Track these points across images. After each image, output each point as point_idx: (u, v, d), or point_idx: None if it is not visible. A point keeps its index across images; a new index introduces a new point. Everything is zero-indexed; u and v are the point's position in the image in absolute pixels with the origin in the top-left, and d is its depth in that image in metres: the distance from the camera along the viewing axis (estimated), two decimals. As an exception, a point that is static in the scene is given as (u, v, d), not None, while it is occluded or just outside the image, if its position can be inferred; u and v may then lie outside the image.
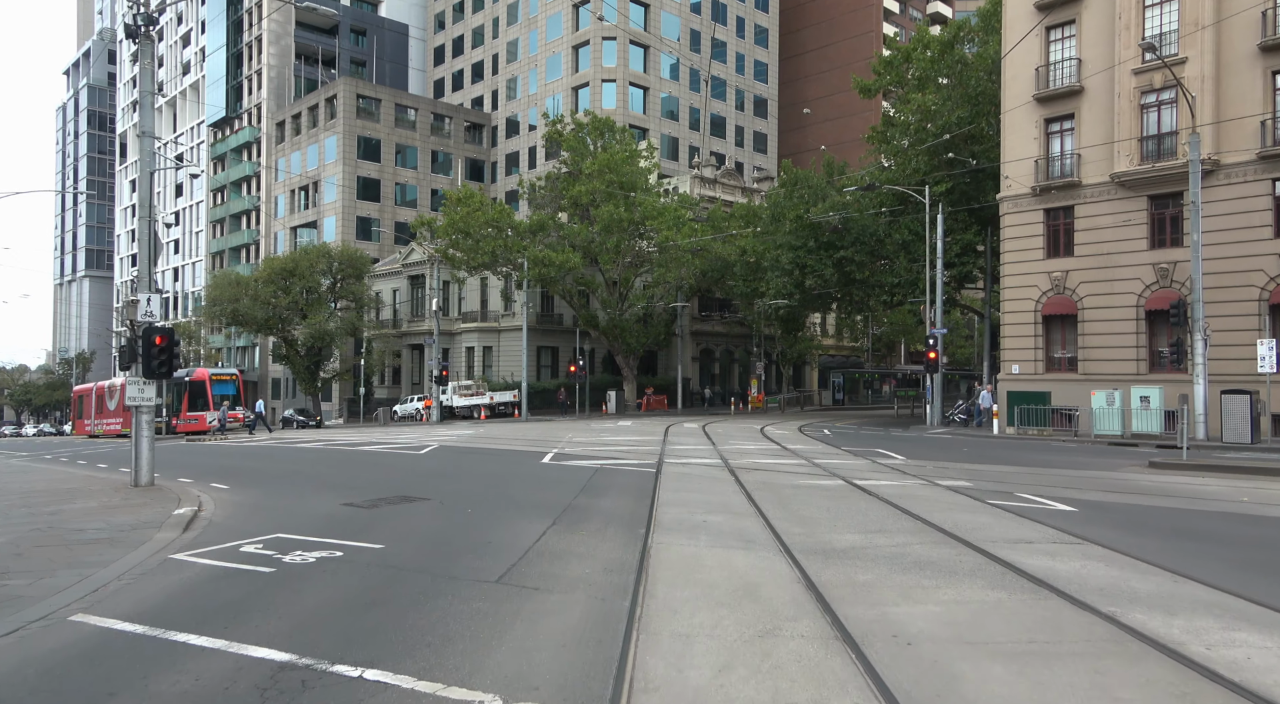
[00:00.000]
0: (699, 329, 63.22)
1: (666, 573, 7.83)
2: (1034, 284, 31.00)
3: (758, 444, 24.76)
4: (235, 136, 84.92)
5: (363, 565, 8.60)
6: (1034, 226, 31.15)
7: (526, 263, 44.51)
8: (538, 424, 40.86)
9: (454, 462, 20.77)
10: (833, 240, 41.04)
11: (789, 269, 41.46)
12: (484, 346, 58.54)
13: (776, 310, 43.11)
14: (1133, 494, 13.49)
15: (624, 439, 27.03)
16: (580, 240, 46.39)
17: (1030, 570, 7.70)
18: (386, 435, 33.99)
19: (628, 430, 32.26)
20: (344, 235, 71.38)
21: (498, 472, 18.07)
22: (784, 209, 42.16)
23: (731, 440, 26.15)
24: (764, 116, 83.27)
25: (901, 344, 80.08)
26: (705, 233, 47.56)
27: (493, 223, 44.62)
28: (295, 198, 78.69)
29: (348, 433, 39.91)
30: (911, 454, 21.17)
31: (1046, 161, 30.86)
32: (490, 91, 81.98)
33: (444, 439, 29.16)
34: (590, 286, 49.97)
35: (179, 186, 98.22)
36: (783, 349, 62.22)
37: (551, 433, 31.58)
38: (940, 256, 35.89)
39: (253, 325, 57.19)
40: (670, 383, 58.09)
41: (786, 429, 32.79)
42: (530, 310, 55.67)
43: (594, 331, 52.36)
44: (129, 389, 16.79)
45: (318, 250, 58.97)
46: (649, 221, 45.34)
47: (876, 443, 25.62)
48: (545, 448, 23.70)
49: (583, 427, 36.09)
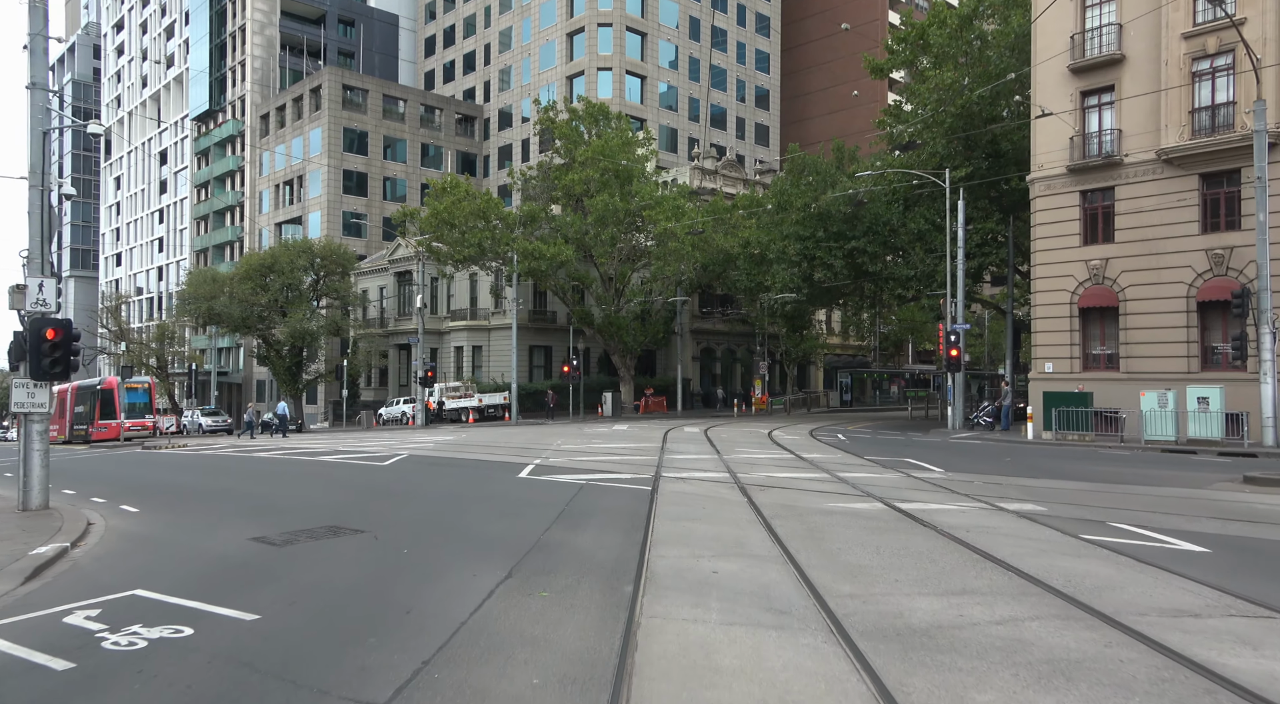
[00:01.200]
0: (699, 327, 60.38)
1: (660, 687, 4.95)
2: (1069, 274, 28.13)
3: (768, 452, 21.92)
4: (219, 130, 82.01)
5: (204, 659, 5.72)
6: (1069, 210, 28.27)
7: (515, 255, 41.63)
8: (527, 428, 38.01)
9: (417, 477, 17.90)
10: (843, 230, 38.20)
11: (796, 261, 38.61)
12: (473, 346, 55.67)
13: (783, 306, 40.19)
14: (1261, 524, 10.61)
15: (617, 446, 24.17)
16: (573, 232, 43.53)
17: (1253, 688, 4.82)
18: (360, 442, 31.13)
19: (622, 436, 29.41)
20: (329, 231, 68.49)
21: (462, 491, 15.19)
22: (791, 197, 39.30)
23: (738, 448, 23.30)
24: (765, 108, 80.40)
25: (909, 343, 77.28)
26: (706, 223, 44.71)
27: (479, 213, 41.74)
28: (280, 193, 75.80)
29: (322, 439, 37.02)
30: (949, 465, 18.30)
31: (1083, 138, 27.99)
32: (483, 82, 79.15)
33: (418, 447, 26.28)
34: (584, 282, 47.12)
35: (163, 183, 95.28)
36: (787, 348, 59.40)
37: (539, 438, 28.72)
38: (961, 246, 33.06)
39: (230, 324, 54.31)
40: (670, 383, 55.26)
41: (796, 434, 29.96)
42: (521, 307, 52.83)
43: (589, 330, 49.51)
44: (15, 393, 13.90)
45: (298, 245, 56.08)
46: (646, 212, 42.48)
47: (901, 450, 22.75)
48: (527, 458, 20.84)
49: (574, 431, 33.23)
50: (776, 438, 27.33)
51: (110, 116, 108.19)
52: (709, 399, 60.58)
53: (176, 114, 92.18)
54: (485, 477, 17.04)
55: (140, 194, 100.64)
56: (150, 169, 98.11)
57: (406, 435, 35.33)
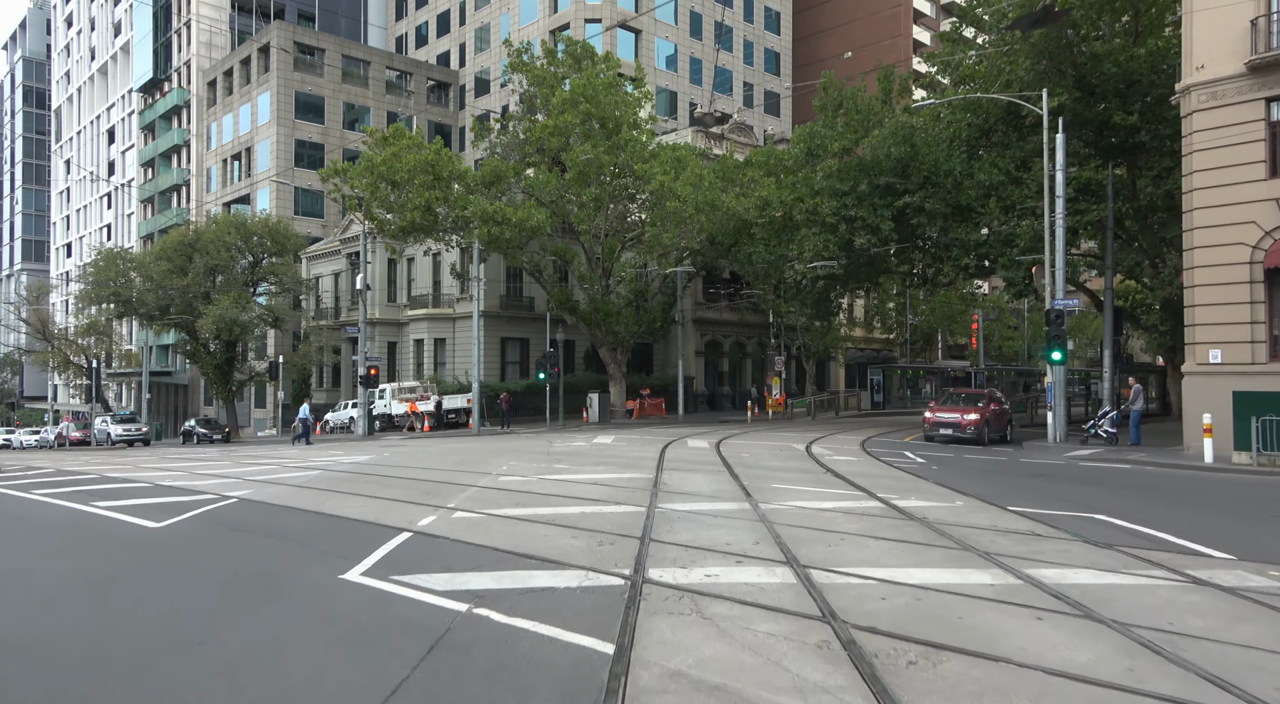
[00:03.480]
0: (703, 317, 51.66)
1: None
2: (1248, 220, 19.40)
3: (829, 492, 13.20)
4: (163, 101, 73.28)
5: None
6: (1247, 129, 19.54)
7: (475, 222, 32.88)
8: (484, 441, 29.31)
9: (128, 584, 9.16)
10: (892, 184, 29.54)
11: (832, 223, 29.92)
12: (435, 339, 46.95)
13: (813, 282, 31.29)
14: None
15: (585, 478, 15.43)
16: (548, 194, 34.80)
17: None
18: (236, 464, 22.35)
19: (601, 455, 20.70)
20: (279, 210, 59.74)
21: (152, 642, 6.46)
22: (824, 140, 30.60)
23: (776, 481, 14.56)
24: (776, 73, 71.67)
25: (939, 336, 68.53)
26: (713, 182, 36.00)
27: (428, 168, 32.96)
28: (228, 169, 67.08)
29: (206, 455, 28.19)
30: (1228, 537, 9.60)
31: (1269, 20, 19.27)
32: (458, 45, 70.46)
33: (288, 477, 17.52)
34: (564, 257, 38.39)
35: (111, 164, 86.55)
36: (804, 342, 50.67)
37: (480, 460, 19.99)
38: (1062, 194, 24.38)
39: (145, 313, 45.67)
40: (669, 382, 46.57)
41: (845, 450, 21.24)
42: (488, 289, 44.16)
43: (571, 318, 40.78)
44: None
45: (228, 221, 47.42)
46: (639, 166, 33.75)
47: (1047, 490, 14.04)
48: (421, 508, 12.11)
49: (540, 447, 24.51)
50: (825, 459, 18.59)
51: (60, 94, 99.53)
52: (714, 400, 51.85)
53: (124, 87, 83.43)
54: (269, 584, 8.18)
55: (89, 177, 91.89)
56: (99, 149, 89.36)
57: (314, 453, 26.55)
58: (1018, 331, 70.64)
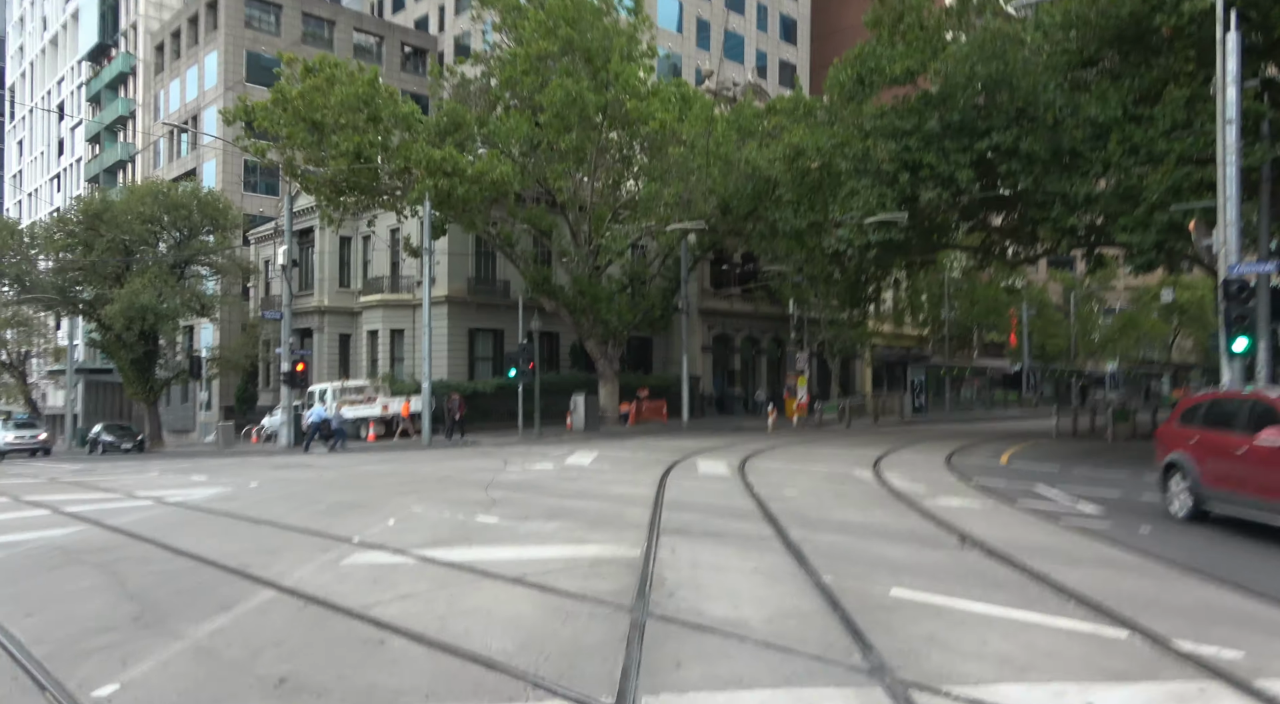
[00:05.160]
0: (712, 306, 44.22)
1: None
2: None
3: (1008, 607, 5.65)
4: (109, 68, 65.94)
5: None
6: None
7: (420, 173, 25.34)
8: (421, 458, 21.83)
9: None
10: (969, 122, 22.11)
11: (890, 171, 22.41)
12: (392, 330, 39.47)
13: (862, 250, 23.41)
14: None
15: (510, 557, 7.93)
16: (516, 140, 27.31)
17: None
18: (47, 491, 14.86)
19: (566, 489, 13.19)
20: (226, 185, 52.38)
21: None
22: (881, 63, 23.10)
23: (872, 561, 7.04)
24: (792, 43, 64.33)
25: (975, 334, 60.97)
26: (728, 136, 28.59)
27: (360, 105, 25.46)
28: (175, 141, 59.73)
29: (46, 472, 20.58)
30: None
31: None
32: (437, 8, 63.20)
33: (83, 528, 10.07)
34: (539, 227, 30.94)
35: (60, 143, 79.20)
36: (825, 339, 43.23)
37: (371, 501, 12.49)
38: (1236, 119, 16.91)
39: (43, 297, 38.27)
40: (670, 383, 39.14)
41: (934, 479, 13.73)
42: (454, 270, 36.80)
43: (549, 304, 33.35)
44: None
45: (144, 189, 40.02)
46: (632, 105, 26.32)
47: None
48: (94, 657, 4.59)
49: (483, 473, 17.00)
50: (938, 508, 11.02)
51: (14, 70, 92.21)
52: (724, 403, 44.40)
53: (74, 57, 76.04)
54: None
55: (40, 158, 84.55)
56: (50, 127, 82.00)
57: (184, 475, 18.96)
58: (1060, 326, 63.18)
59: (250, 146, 27.75)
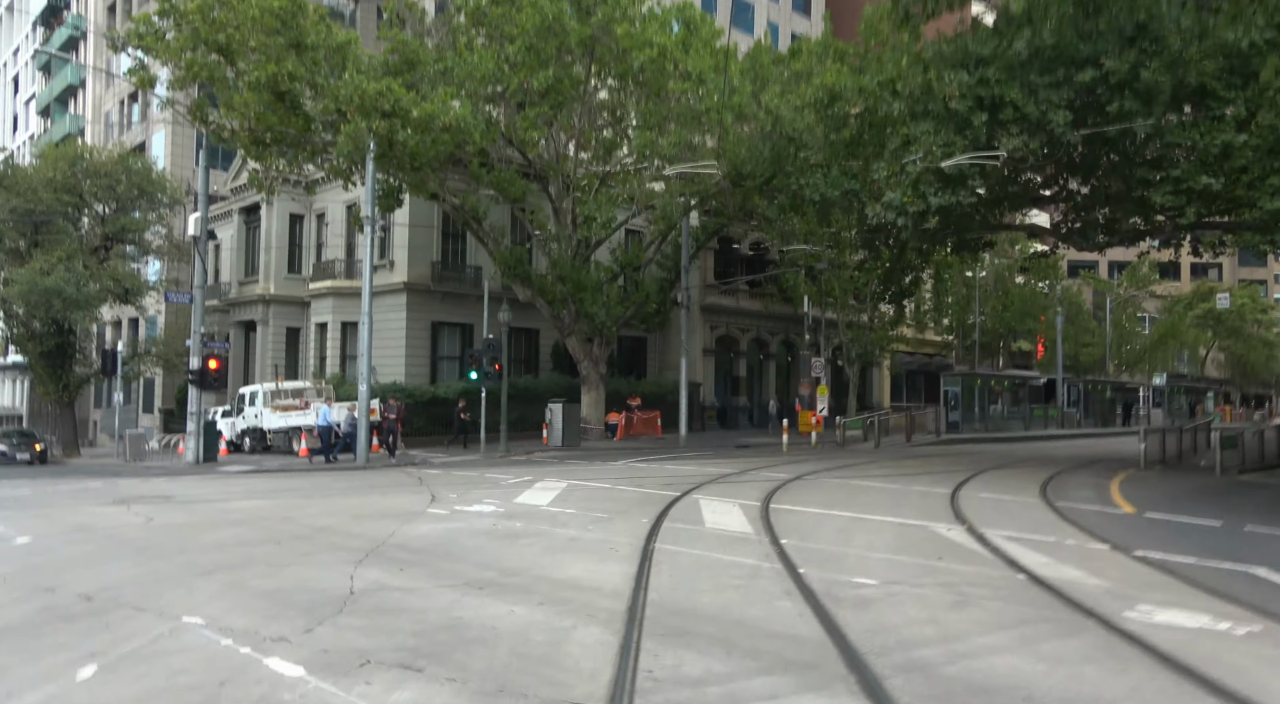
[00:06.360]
0: (715, 303, 38.74)
1: None
2: None
3: None
4: (59, 31, 60.42)
5: None
6: None
7: (352, 113, 19.78)
8: (341, 483, 16.30)
9: None
10: (1066, 45, 16.64)
11: (962, 112, 16.92)
12: (344, 322, 33.88)
13: (918, 218, 17.75)
14: None
15: None
16: (478, 78, 21.75)
17: None
18: None
19: (490, 559, 7.68)
20: (176, 159, 46.80)
21: None
22: (946, -29, 17.56)
23: None
24: (806, 14, 58.93)
25: (1002, 342, 55.52)
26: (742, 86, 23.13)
27: (280, 23, 19.92)
28: (124, 111, 54.23)
29: None
30: None
31: None
32: (419, -26, 57.68)
33: None
34: (510, 196, 25.38)
35: (15, 119, 73.63)
36: (842, 343, 37.69)
37: (191, 570, 6.97)
38: None
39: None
40: (666, 391, 33.66)
41: (1052, 538, 8.23)
42: (417, 253, 31.35)
43: (524, 292, 27.83)
44: None
45: (60, 153, 34.53)
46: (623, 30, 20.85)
47: None
48: None
49: (397, 517, 11.43)
50: (1171, 646, 5.53)
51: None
52: (727, 415, 38.93)
53: (28, 25, 70.51)
54: None
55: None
56: (4, 102, 76.43)
57: (38, 501, 13.34)
58: (1095, 334, 57.78)
59: (137, 78, 22.21)
